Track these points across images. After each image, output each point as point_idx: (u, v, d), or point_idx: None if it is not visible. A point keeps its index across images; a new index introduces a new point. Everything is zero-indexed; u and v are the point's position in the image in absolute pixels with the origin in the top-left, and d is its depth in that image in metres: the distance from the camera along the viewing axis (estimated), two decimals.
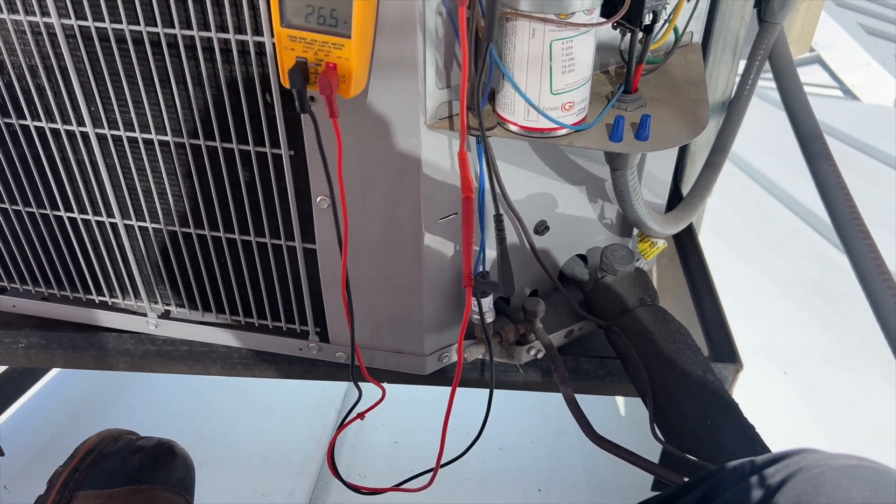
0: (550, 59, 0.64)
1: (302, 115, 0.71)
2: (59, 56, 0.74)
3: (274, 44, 0.64)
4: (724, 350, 0.94)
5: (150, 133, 0.78)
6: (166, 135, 0.77)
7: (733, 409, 0.77)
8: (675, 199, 1.22)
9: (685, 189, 1.26)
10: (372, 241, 0.80)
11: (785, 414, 1.41)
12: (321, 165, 0.68)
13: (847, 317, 1.78)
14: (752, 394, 1.41)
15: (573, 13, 0.61)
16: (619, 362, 0.90)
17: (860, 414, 1.40)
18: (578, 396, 0.85)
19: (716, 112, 1.16)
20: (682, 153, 1.24)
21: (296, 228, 0.81)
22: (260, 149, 0.76)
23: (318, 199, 0.77)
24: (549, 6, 0.61)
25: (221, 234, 0.84)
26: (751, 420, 0.77)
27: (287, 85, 0.63)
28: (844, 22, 4.58)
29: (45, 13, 0.71)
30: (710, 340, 0.99)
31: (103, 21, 0.71)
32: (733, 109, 1.09)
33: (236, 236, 0.83)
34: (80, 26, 0.72)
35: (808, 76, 4.26)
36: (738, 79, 1.12)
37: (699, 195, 1.03)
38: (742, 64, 1.12)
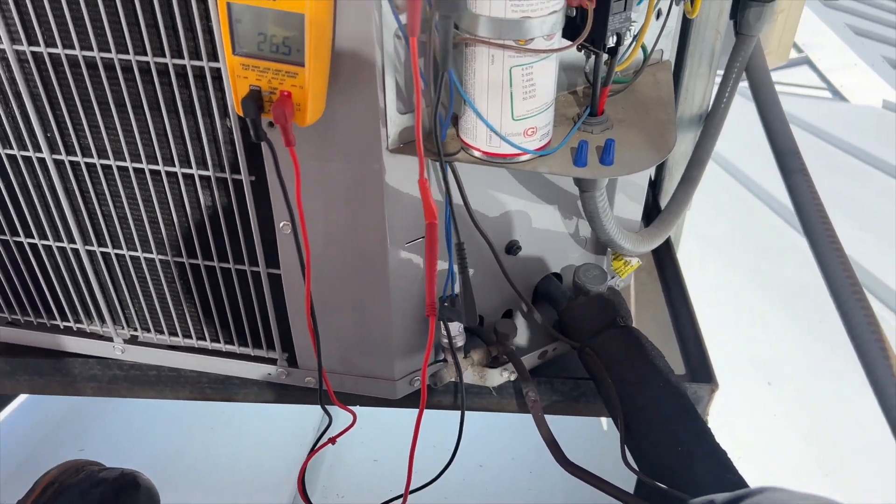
0: (511, 85, 0.63)
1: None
2: (12, 81, 0.73)
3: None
4: (700, 369, 0.93)
5: (109, 159, 0.76)
6: (125, 160, 0.76)
7: (705, 435, 0.76)
8: (654, 211, 1.21)
9: (663, 202, 1.25)
10: (337, 266, 0.78)
11: (768, 425, 1.40)
12: (281, 192, 0.67)
13: (833, 324, 1.77)
14: (735, 405, 1.40)
15: (532, 39, 0.60)
16: (593, 383, 0.89)
17: (844, 424, 1.39)
18: (556, 417, 0.84)
19: (693, 125, 1.15)
20: (660, 167, 1.23)
21: (259, 254, 0.79)
22: (220, 174, 0.74)
23: (280, 225, 0.76)
24: (507, 32, 0.59)
25: (184, 259, 0.82)
26: (734, 432, 0.76)
27: (241, 113, 0.62)
28: (832, 22, 4.59)
29: None
30: (686, 359, 0.98)
31: (56, 47, 0.69)
32: (710, 123, 1.08)
33: (199, 262, 0.82)
34: (32, 52, 0.70)
35: (797, 77, 4.26)
36: (715, 91, 1.11)
37: (675, 211, 1.02)
38: (719, 76, 1.11)
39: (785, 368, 1.53)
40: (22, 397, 1.37)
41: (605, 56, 0.68)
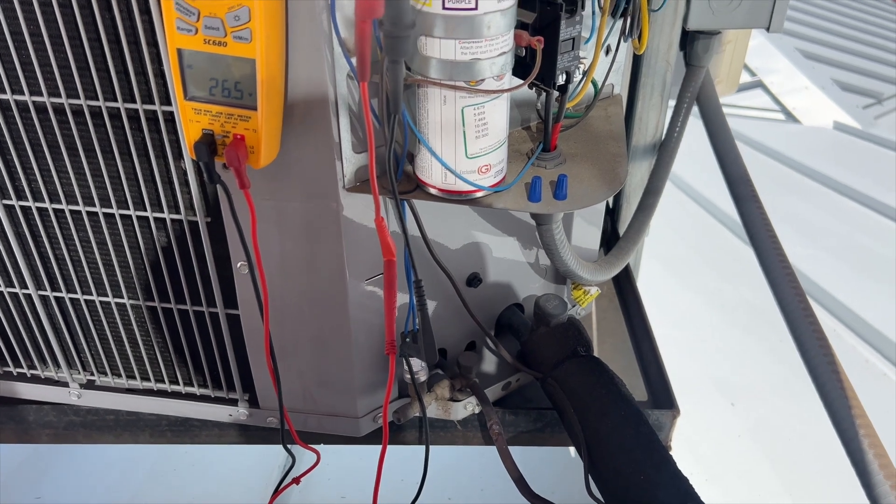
0: (464, 125, 0.63)
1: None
2: None
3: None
4: (662, 396, 0.94)
5: (61, 203, 0.75)
6: (78, 204, 0.75)
7: (667, 462, 0.76)
8: (613, 238, 1.23)
9: (622, 229, 1.27)
10: (296, 305, 0.78)
11: (733, 446, 1.42)
12: (237, 233, 0.67)
13: (792, 345, 1.81)
14: (699, 426, 1.41)
15: (483, 80, 0.61)
16: (557, 413, 0.89)
17: (806, 444, 1.42)
18: (522, 448, 0.84)
19: (648, 154, 1.17)
20: (618, 194, 1.25)
21: (217, 294, 0.78)
22: (175, 216, 0.74)
23: (238, 265, 0.75)
24: (458, 74, 0.60)
25: (140, 301, 0.81)
26: (699, 454, 0.77)
27: (194, 157, 0.61)
28: (783, 47, 4.73)
29: None
30: (648, 385, 0.99)
31: (4, 92, 0.68)
32: (664, 152, 1.11)
33: (156, 304, 0.81)
34: None
35: (751, 100, 4.39)
36: (668, 120, 1.14)
37: (632, 239, 1.04)
38: (672, 104, 1.14)
39: (748, 389, 1.55)
40: None
41: (555, 93, 0.69)
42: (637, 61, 1.09)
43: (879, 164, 3.16)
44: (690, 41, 1.08)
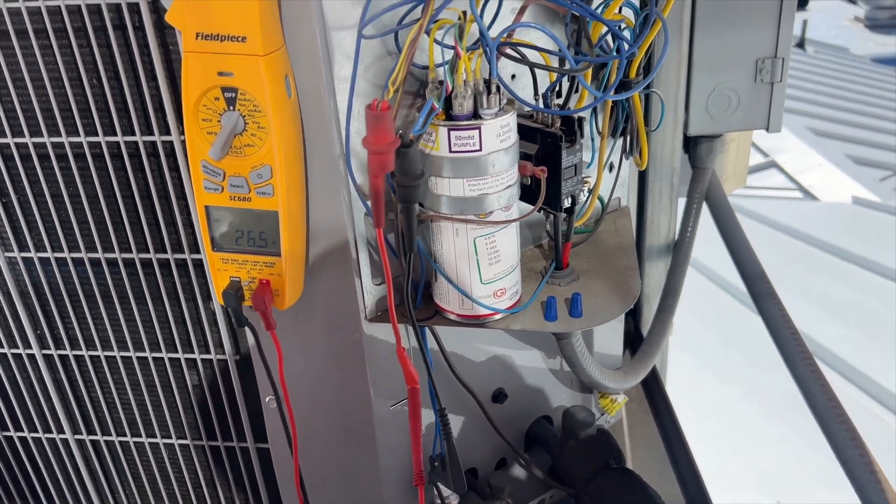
0: (476, 254, 0.66)
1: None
2: (2, 282, 0.76)
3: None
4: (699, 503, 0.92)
5: (97, 349, 0.78)
6: (112, 350, 0.78)
7: None
8: (637, 339, 1.23)
9: (645, 329, 1.27)
10: (324, 435, 0.79)
11: None
12: (265, 371, 0.69)
13: None
14: None
15: (492, 212, 0.64)
16: None
17: None
18: None
19: (662, 254, 1.19)
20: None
21: (247, 429, 0.80)
22: (205, 356, 0.76)
23: (266, 400, 0.77)
24: (467, 209, 0.63)
25: (173, 440, 0.82)
26: None
27: (222, 303, 0.64)
28: (793, 126, 4.81)
29: None
30: (685, 493, 0.96)
31: (45, 251, 0.73)
32: (679, 251, 1.13)
33: (188, 442, 0.82)
34: (23, 258, 0.74)
35: (767, 180, 4.43)
36: (679, 220, 1.16)
37: (655, 342, 1.04)
38: (682, 202, 1.16)
39: (792, 483, 1.50)
40: None
41: (563, 215, 0.72)
42: (643, 172, 1.13)
43: None
44: (693, 145, 1.11)
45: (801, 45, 7.53)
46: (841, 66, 6.77)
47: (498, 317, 0.71)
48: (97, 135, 0.67)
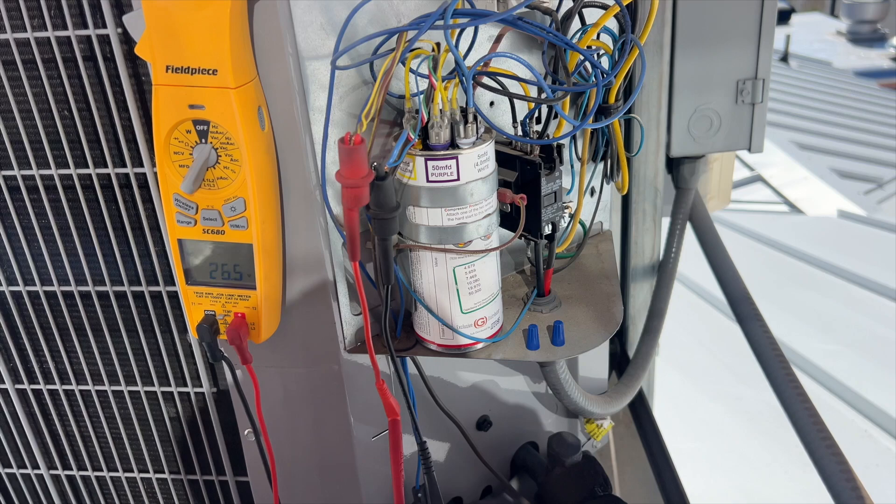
0: (456, 283, 0.65)
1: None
2: None
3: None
4: None
5: (71, 384, 0.76)
6: (87, 384, 0.76)
7: None
8: (624, 361, 1.22)
9: (631, 350, 1.27)
10: (305, 467, 0.77)
11: None
12: (242, 404, 0.68)
13: None
14: None
15: (471, 241, 0.63)
16: None
17: None
18: None
19: (647, 275, 1.19)
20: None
21: (226, 462, 0.78)
22: (182, 389, 0.75)
23: (245, 433, 0.75)
24: (446, 238, 0.62)
25: (151, 475, 0.81)
26: None
27: (196, 337, 0.63)
28: (779, 141, 4.85)
29: None
30: None
31: (17, 284, 0.71)
32: (663, 273, 1.12)
33: (166, 476, 0.81)
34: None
35: (753, 194, 4.45)
36: (663, 240, 1.16)
37: (641, 365, 1.03)
38: (665, 222, 1.16)
39: (779, 501, 1.49)
40: None
41: (544, 241, 0.72)
42: (627, 194, 1.12)
43: (889, 250, 3.15)
44: (676, 165, 1.11)
45: (784, 59, 7.62)
46: (824, 80, 6.85)
47: (479, 346, 0.70)
48: (69, 167, 0.65)
